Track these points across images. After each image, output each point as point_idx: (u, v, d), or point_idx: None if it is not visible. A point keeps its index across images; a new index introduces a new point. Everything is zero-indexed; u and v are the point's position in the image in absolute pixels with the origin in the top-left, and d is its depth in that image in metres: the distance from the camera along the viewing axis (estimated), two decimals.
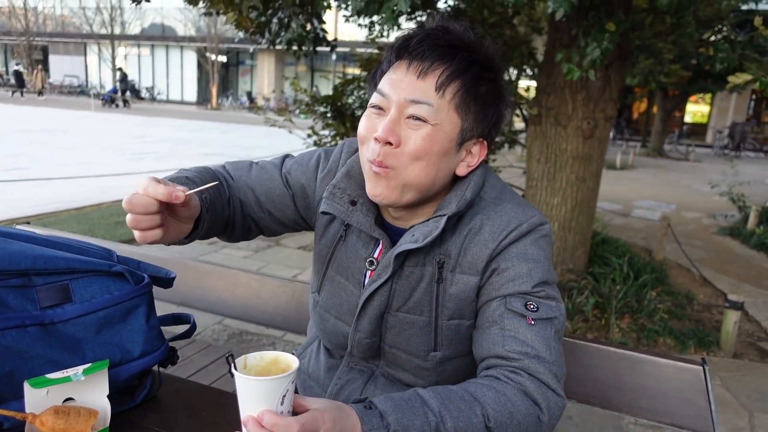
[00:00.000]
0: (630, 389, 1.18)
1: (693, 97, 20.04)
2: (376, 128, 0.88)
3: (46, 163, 8.57)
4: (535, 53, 4.85)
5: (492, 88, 0.91)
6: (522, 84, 5.40)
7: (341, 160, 1.05)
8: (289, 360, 0.76)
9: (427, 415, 0.75)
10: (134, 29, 31.10)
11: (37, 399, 0.77)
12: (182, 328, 1.04)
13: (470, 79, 0.87)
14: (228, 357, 0.72)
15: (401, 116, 0.87)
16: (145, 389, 0.95)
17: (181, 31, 30.68)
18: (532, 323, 0.86)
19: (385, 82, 0.90)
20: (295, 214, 1.09)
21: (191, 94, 31.18)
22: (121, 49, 30.45)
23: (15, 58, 32.52)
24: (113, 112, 20.56)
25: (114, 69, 27.59)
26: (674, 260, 5.27)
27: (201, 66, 29.58)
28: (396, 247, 0.93)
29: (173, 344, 1.00)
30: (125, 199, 0.75)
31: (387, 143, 0.86)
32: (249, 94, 30.09)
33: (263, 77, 29.88)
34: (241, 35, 4.09)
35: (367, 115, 0.92)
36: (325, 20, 3.78)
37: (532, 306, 0.87)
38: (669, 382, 1.16)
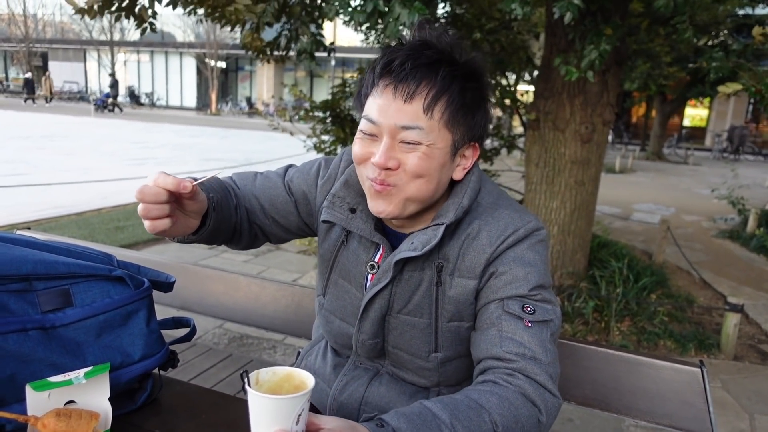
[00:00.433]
0: (628, 391, 1.19)
1: (691, 101, 20.06)
2: (370, 152, 0.90)
3: (46, 169, 8.58)
4: (532, 58, 4.87)
5: (477, 95, 0.92)
6: (520, 88, 5.41)
7: (340, 168, 1.08)
8: (303, 377, 0.74)
9: (440, 428, 0.76)
10: (134, 35, 31.17)
11: (38, 402, 0.78)
12: (183, 332, 1.05)
13: (456, 93, 0.88)
14: (243, 374, 0.72)
15: (395, 141, 0.88)
16: (145, 392, 0.95)
17: (180, 37, 30.80)
18: (529, 325, 0.88)
19: (372, 107, 0.90)
20: (299, 220, 1.12)
21: (191, 99, 31.24)
22: (121, 56, 30.52)
23: (15, 64, 32.62)
24: (112, 118, 20.60)
25: (114, 75, 27.64)
26: (674, 263, 5.27)
27: (200, 72, 29.65)
28: (395, 254, 0.96)
29: (173, 348, 1.01)
30: (137, 189, 0.78)
31: (386, 168, 0.88)
32: (248, 100, 30.14)
33: (262, 83, 29.95)
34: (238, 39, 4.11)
35: (360, 138, 0.93)
36: (323, 26, 3.80)
37: (528, 308, 0.89)
38: (667, 384, 1.16)
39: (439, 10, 4.66)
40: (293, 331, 1.54)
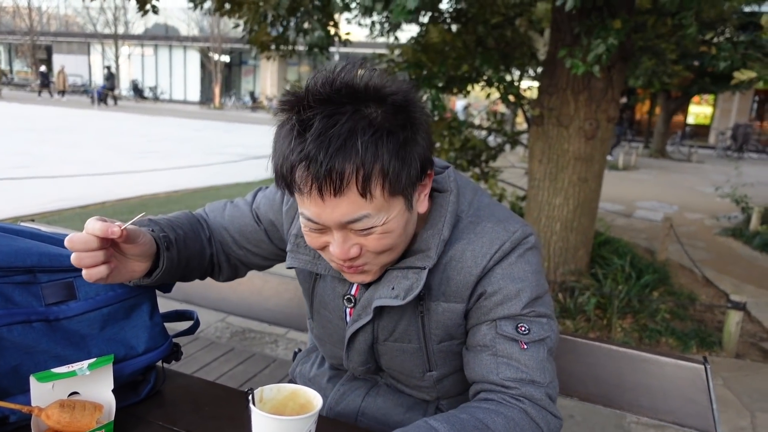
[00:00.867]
0: (631, 388, 1.19)
1: (695, 99, 19.99)
2: (326, 241, 0.82)
3: (50, 161, 8.60)
4: (536, 54, 4.85)
5: (408, 134, 0.77)
6: (524, 84, 5.39)
7: None
8: (309, 396, 0.72)
9: None
10: (138, 29, 31.18)
11: (42, 393, 0.78)
12: (186, 325, 1.05)
13: (386, 156, 0.74)
14: (248, 391, 0.71)
15: (347, 231, 0.80)
16: (149, 384, 0.95)
17: (184, 31, 30.76)
18: (525, 347, 0.84)
19: (305, 209, 0.79)
20: (272, 247, 1.07)
21: (194, 93, 31.23)
22: (125, 49, 30.53)
23: (19, 57, 32.65)
24: (116, 111, 20.61)
25: (117, 68, 27.65)
26: (676, 261, 5.26)
27: (204, 66, 29.64)
28: (375, 298, 0.90)
29: (177, 341, 1.01)
30: (67, 238, 0.77)
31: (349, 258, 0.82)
32: (252, 94, 30.13)
33: (266, 77, 29.91)
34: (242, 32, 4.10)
35: (308, 229, 0.83)
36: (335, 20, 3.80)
37: (523, 328, 0.85)
38: (670, 381, 1.16)
39: (444, 5, 4.64)
40: (295, 324, 1.54)
